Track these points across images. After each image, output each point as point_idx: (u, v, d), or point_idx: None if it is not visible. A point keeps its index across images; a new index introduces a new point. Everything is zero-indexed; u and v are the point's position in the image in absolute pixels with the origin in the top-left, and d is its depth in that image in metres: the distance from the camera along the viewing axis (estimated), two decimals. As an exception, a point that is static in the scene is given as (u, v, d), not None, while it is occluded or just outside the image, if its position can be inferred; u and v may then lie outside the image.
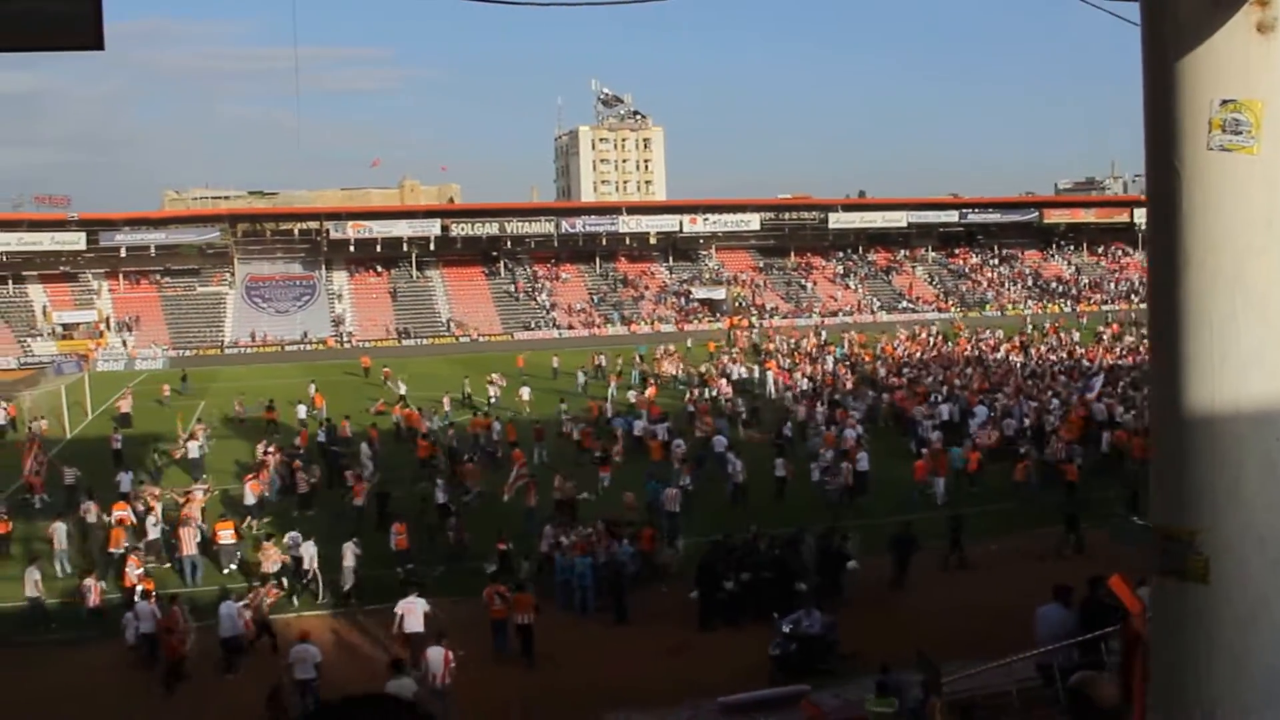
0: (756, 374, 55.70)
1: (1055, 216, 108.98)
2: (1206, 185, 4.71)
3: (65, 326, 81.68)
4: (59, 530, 27.48)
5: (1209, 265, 4.72)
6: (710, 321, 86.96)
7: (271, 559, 25.32)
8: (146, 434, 44.08)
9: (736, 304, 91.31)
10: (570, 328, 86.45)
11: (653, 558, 25.52)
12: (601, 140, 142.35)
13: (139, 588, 22.80)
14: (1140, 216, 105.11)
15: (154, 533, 27.71)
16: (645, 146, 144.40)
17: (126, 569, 24.09)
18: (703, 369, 57.44)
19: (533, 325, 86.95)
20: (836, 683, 17.48)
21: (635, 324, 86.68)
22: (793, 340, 70.03)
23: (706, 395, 49.26)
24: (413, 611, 20.69)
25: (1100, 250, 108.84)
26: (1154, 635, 5.12)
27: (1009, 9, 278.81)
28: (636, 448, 38.15)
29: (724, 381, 52.48)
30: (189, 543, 26.38)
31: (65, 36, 9.01)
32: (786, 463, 33.27)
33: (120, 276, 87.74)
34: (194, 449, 38.83)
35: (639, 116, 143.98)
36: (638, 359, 61.75)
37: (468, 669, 18.84)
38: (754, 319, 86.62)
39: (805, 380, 52.65)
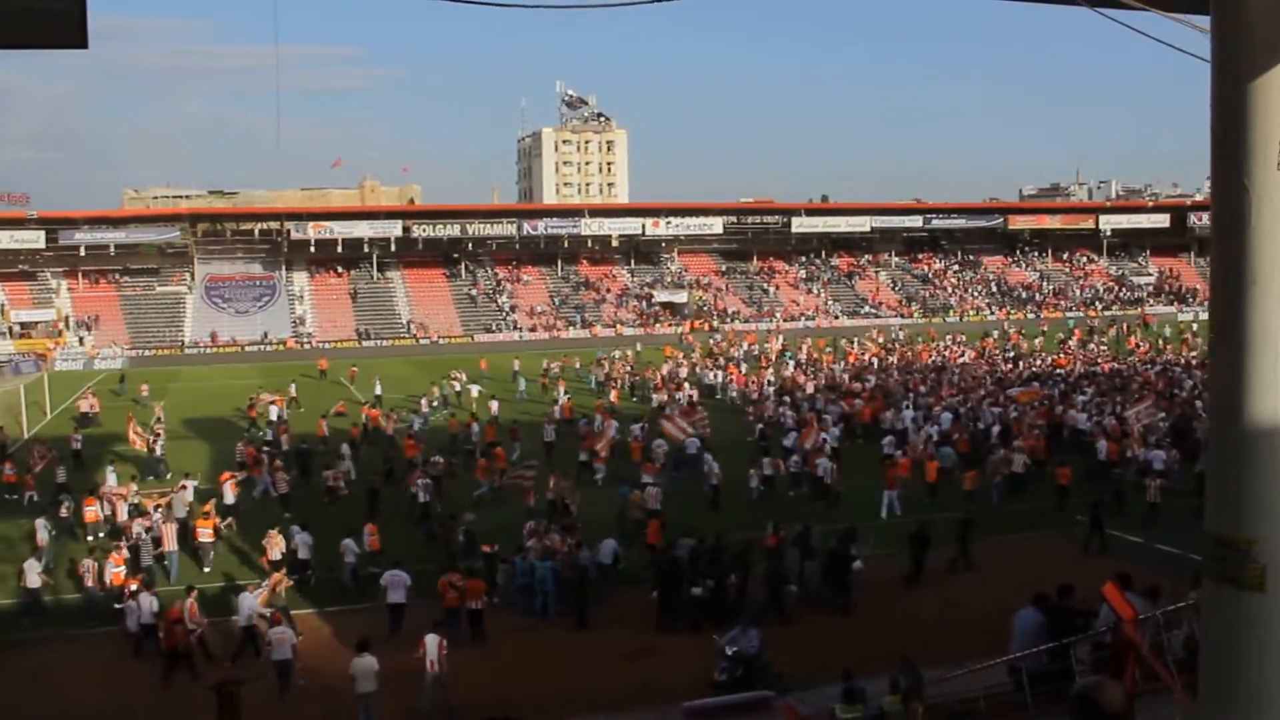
0: (719, 378, 55.72)
1: (1020, 223, 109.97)
2: (1276, 203, 4.78)
3: (23, 325, 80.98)
4: (41, 527, 27.56)
5: (1276, 282, 4.79)
6: (671, 325, 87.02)
7: (276, 546, 25.61)
8: (107, 433, 43.80)
9: (698, 308, 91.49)
10: (531, 330, 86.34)
11: (659, 551, 25.23)
12: (565, 142, 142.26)
13: (132, 586, 22.70)
14: (1105, 222, 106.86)
15: (137, 527, 27.49)
16: (608, 149, 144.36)
17: (107, 565, 23.92)
18: (663, 372, 57.32)
19: (493, 327, 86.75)
20: (799, 689, 17.24)
21: (596, 327, 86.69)
22: (748, 345, 70.06)
23: (669, 399, 49.06)
24: (396, 584, 22.23)
25: (1065, 257, 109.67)
26: (1205, 640, 5.21)
27: (975, 12, 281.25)
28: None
29: (687, 386, 52.45)
30: (170, 539, 26.50)
31: (51, 34, 9.26)
32: (774, 460, 33.66)
33: (79, 275, 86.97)
34: (158, 448, 38.72)
35: (603, 119, 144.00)
36: (596, 363, 61.72)
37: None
38: (714, 323, 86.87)
39: (768, 385, 52.74)
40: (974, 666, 15.29)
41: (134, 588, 22.49)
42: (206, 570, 26.48)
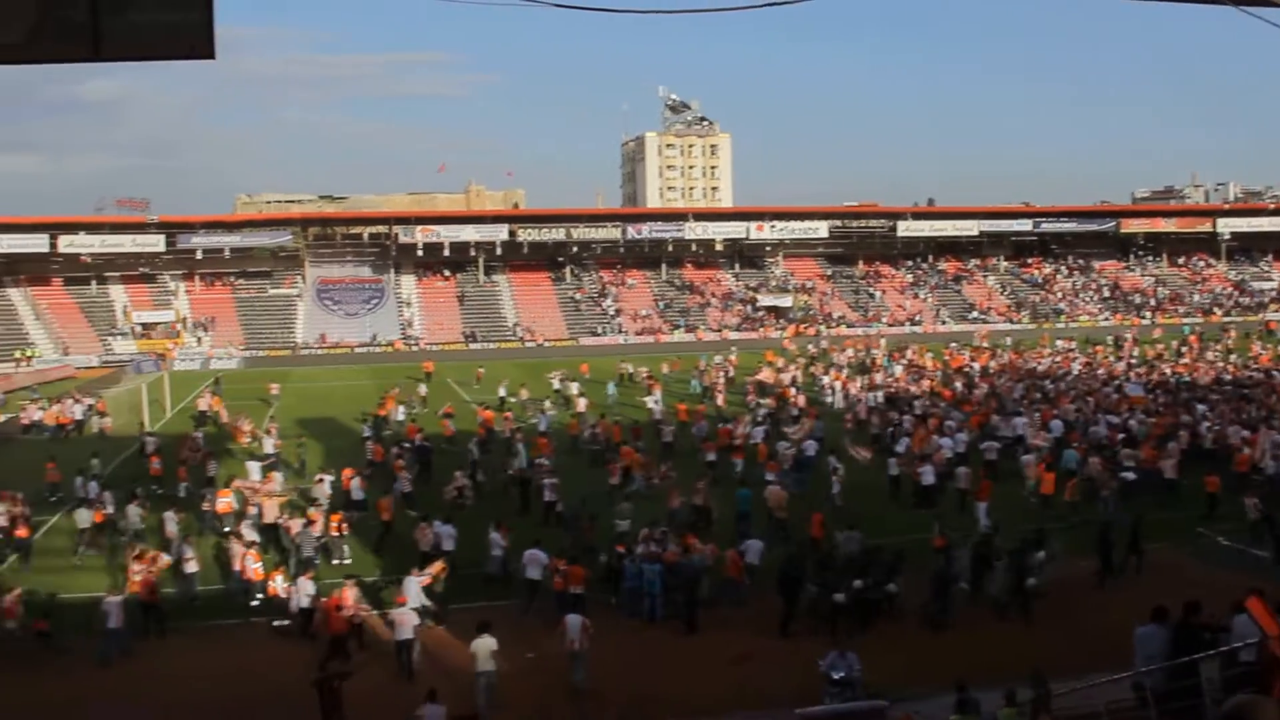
0: (826, 382, 55.22)
1: (1133, 226, 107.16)
2: None
3: (144, 326, 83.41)
4: (169, 520, 28.38)
5: None
6: (775, 329, 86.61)
7: (425, 539, 26.12)
8: (225, 433, 44.91)
9: (803, 312, 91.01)
10: (636, 334, 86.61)
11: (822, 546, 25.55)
12: (668, 146, 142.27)
13: (277, 578, 23.61)
14: (1223, 225, 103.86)
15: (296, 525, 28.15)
16: (712, 153, 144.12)
17: (245, 561, 24.62)
18: (759, 377, 57.00)
19: (598, 331, 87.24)
20: (912, 700, 16.94)
21: (700, 331, 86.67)
22: (852, 351, 69.18)
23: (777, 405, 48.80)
24: (533, 561, 23.56)
25: (1181, 261, 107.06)
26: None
27: (1083, 13, 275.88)
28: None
29: (793, 391, 52.04)
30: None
31: (180, 46, 8.94)
32: (900, 460, 33.78)
33: (196, 278, 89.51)
34: (268, 445, 39.56)
35: (706, 123, 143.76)
36: (696, 369, 61.70)
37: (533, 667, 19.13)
38: (820, 328, 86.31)
39: (879, 391, 51.95)
40: (1096, 680, 14.99)
41: (279, 578, 23.48)
42: (335, 563, 26.96)
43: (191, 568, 25.03)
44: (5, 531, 28.90)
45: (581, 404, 48.48)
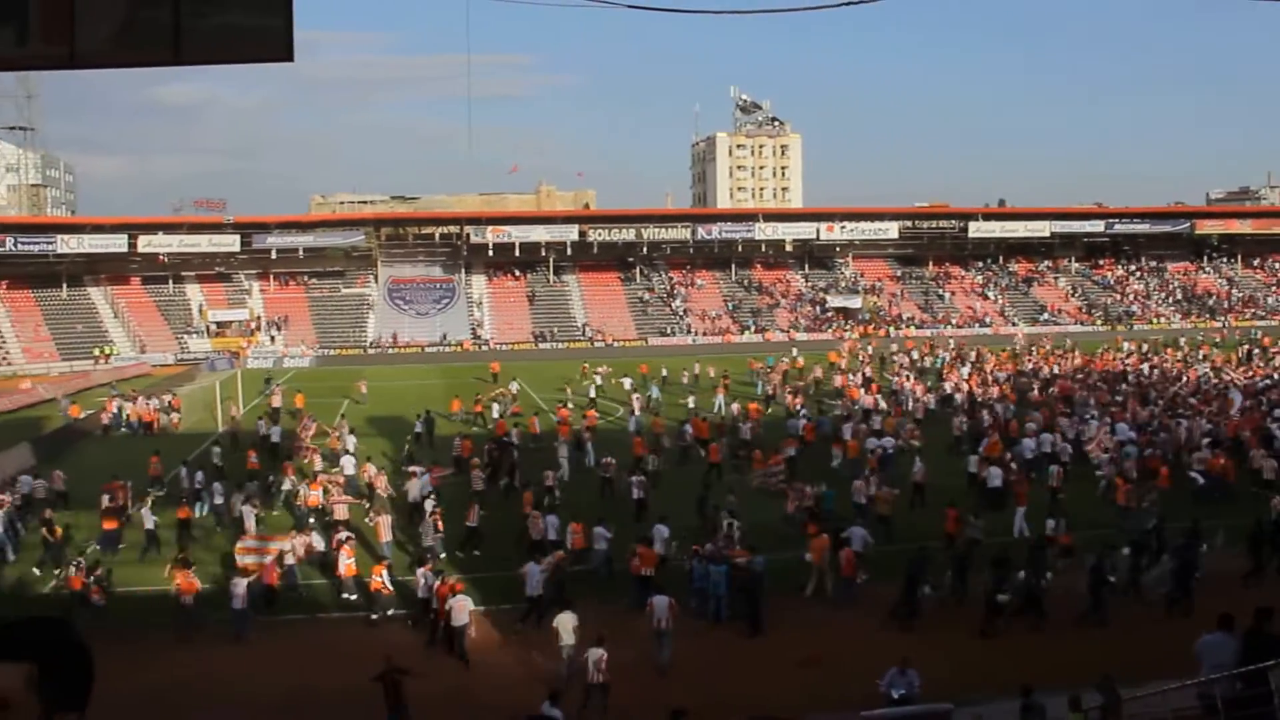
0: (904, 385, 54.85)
1: (1208, 227, 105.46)
2: None
3: (219, 324, 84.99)
4: (248, 514, 29.04)
5: None
6: (844, 330, 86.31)
7: (537, 529, 26.87)
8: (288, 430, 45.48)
9: (873, 313, 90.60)
10: (705, 334, 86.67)
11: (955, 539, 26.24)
12: (739, 147, 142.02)
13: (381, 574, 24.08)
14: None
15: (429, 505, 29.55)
16: (782, 153, 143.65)
17: (339, 556, 25.28)
18: (816, 374, 57.18)
19: (667, 331, 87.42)
20: (975, 703, 16.97)
21: (770, 332, 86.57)
22: (918, 353, 68.64)
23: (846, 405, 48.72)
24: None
25: (1256, 263, 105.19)
26: None
27: (1155, 10, 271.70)
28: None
29: (861, 391, 51.77)
30: (386, 530, 27.77)
31: (258, 49, 9.07)
32: (978, 461, 34.00)
33: (270, 277, 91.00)
34: (349, 442, 40.29)
35: (777, 123, 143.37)
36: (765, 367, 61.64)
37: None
38: (890, 329, 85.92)
39: (957, 392, 51.66)
40: (1164, 688, 14.84)
41: (384, 573, 23.95)
42: (444, 557, 27.31)
43: (290, 560, 25.63)
44: (116, 515, 29.91)
45: (636, 402, 49.50)
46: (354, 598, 24.76)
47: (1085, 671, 15.71)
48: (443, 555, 27.12)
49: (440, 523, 27.97)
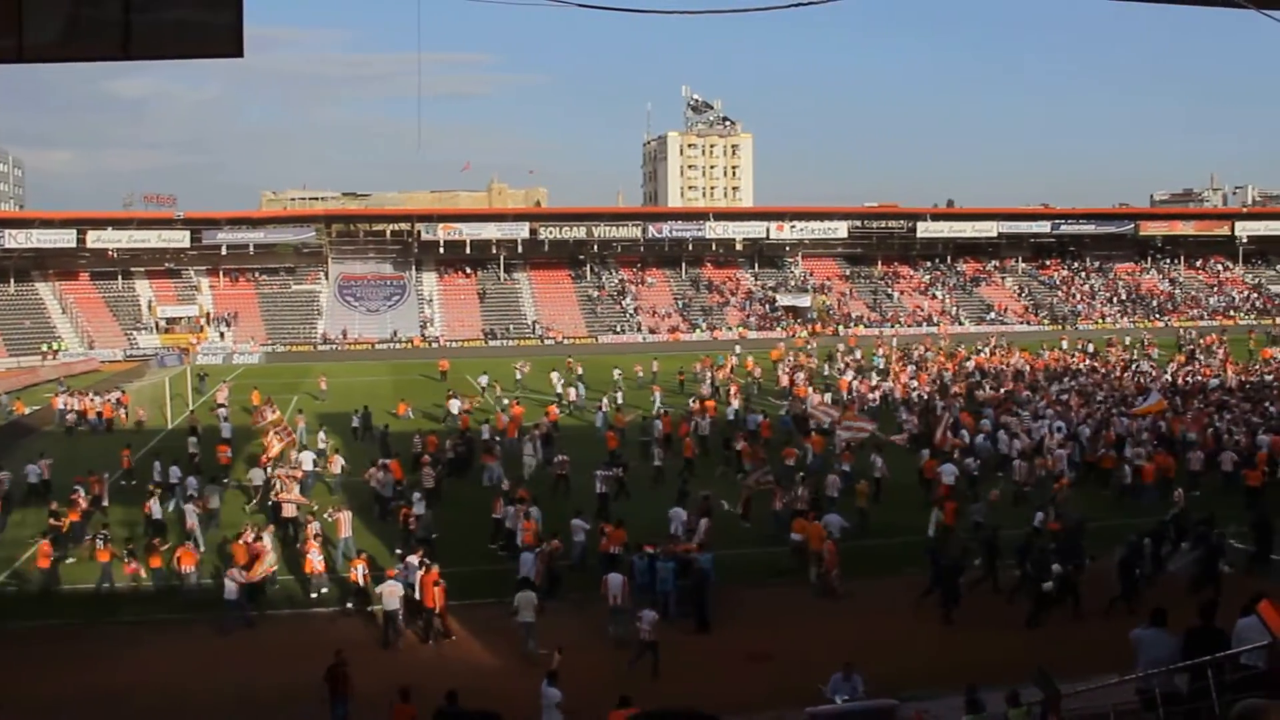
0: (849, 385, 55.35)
1: (1152, 229, 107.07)
2: None
3: (169, 320, 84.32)
4: (190, 513, 28.94)
5: None
6: (795, 329, 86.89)
7: (531, 531, 26.89)
8: (240, 426, 45.30)
9: (823, 312, 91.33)
10: (654, 332, 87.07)
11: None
12: (690, 146, 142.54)
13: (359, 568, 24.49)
14: (1241, 229, 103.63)
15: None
16: (733, 153, 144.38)
17: (309, 555, 25.34)
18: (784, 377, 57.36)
19: (618, 329, 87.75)
20: (920, 699, 17.16)
21: (719, 330, 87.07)
22: (869, 351, 69.29)
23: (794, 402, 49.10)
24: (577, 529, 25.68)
25: (1199, 264, 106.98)
26: None
27: (1103, 14, 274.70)
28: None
29: (809, 390, 51.88)
30: (346, 525, 27.75)
31: (208, 45, 9.83)
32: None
33: (220, 273, 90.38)
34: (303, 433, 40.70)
35: (728, 123, 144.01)
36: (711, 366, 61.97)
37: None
38: (838, 327, 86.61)
39: (911, 390, 52.26)
40: (1105, 683, 14.83)
41: (360, 567, 24.39)
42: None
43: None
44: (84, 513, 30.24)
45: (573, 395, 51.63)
46: (324, 592, 24.88)
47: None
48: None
49: (413, 520, 28.16)
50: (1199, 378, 54.86)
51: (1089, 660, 17.57)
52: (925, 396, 49.79)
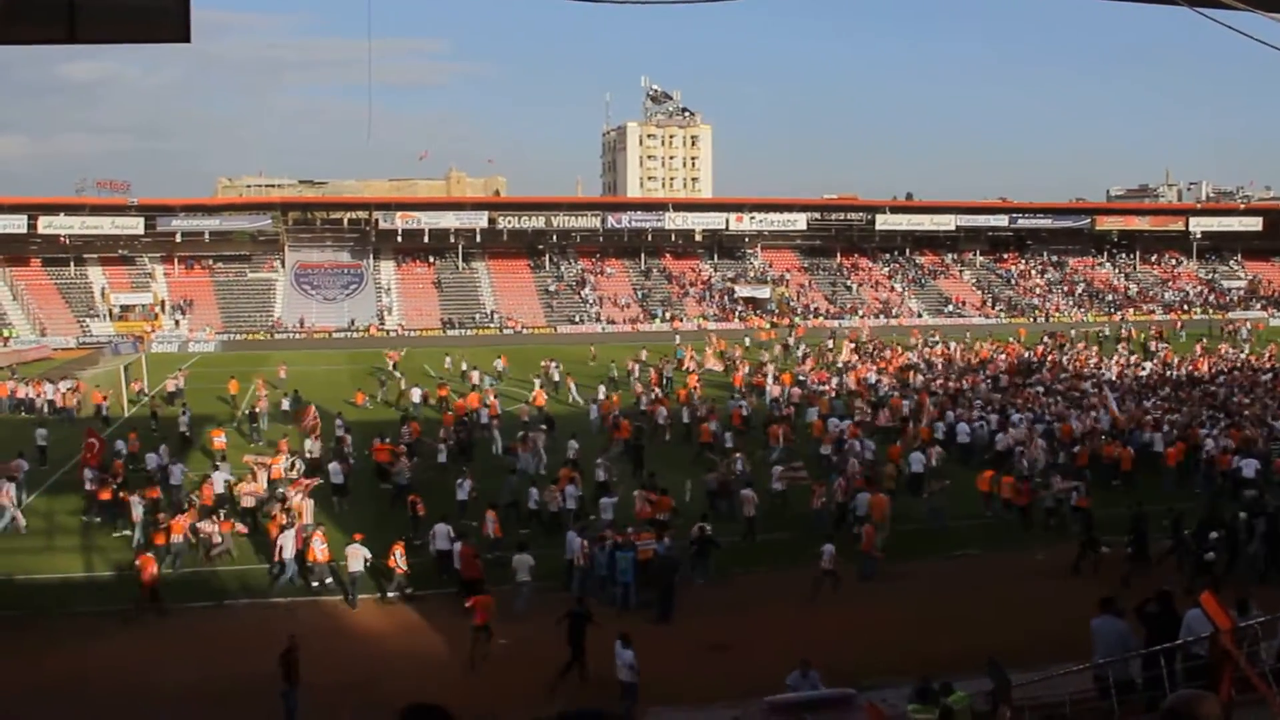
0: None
1: (1108, 223, 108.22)
2: None
3: (123, 308, 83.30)
4: (135, 504, 28.32)
5: None
6: (755, 320, 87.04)
7: (555, 501, 28.45)
8: (200, 415, 44.83)
9: (782, 303, 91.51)
10: (612, 322, 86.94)
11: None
12: (649, 136, 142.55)
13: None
14: (1195, 225, 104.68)
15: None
16: (693, 144, 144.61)
17: (313, 541, 25.26)
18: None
19: (576, 319, 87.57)
20: (874, 689, 17.11)
21: (679, 321, 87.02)
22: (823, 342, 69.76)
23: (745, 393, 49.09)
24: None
25: (1153, 259, 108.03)
26: None
27: (1061, 8, 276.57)
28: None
29: (770, 381, 51.58)
30: (308, 513, 27.72)
31: (155, 29, 9.79)
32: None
33: (175, 261, 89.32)
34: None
35: (687, 113, 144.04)
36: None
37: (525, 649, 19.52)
38: (795, 319, 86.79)
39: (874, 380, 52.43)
40: (1056, 672, 15.16)
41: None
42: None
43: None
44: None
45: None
46: (328, 582, 24.79)
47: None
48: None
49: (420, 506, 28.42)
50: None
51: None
52: (885, 387, 50.00)
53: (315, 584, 24.76)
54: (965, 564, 26.32)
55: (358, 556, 23.73)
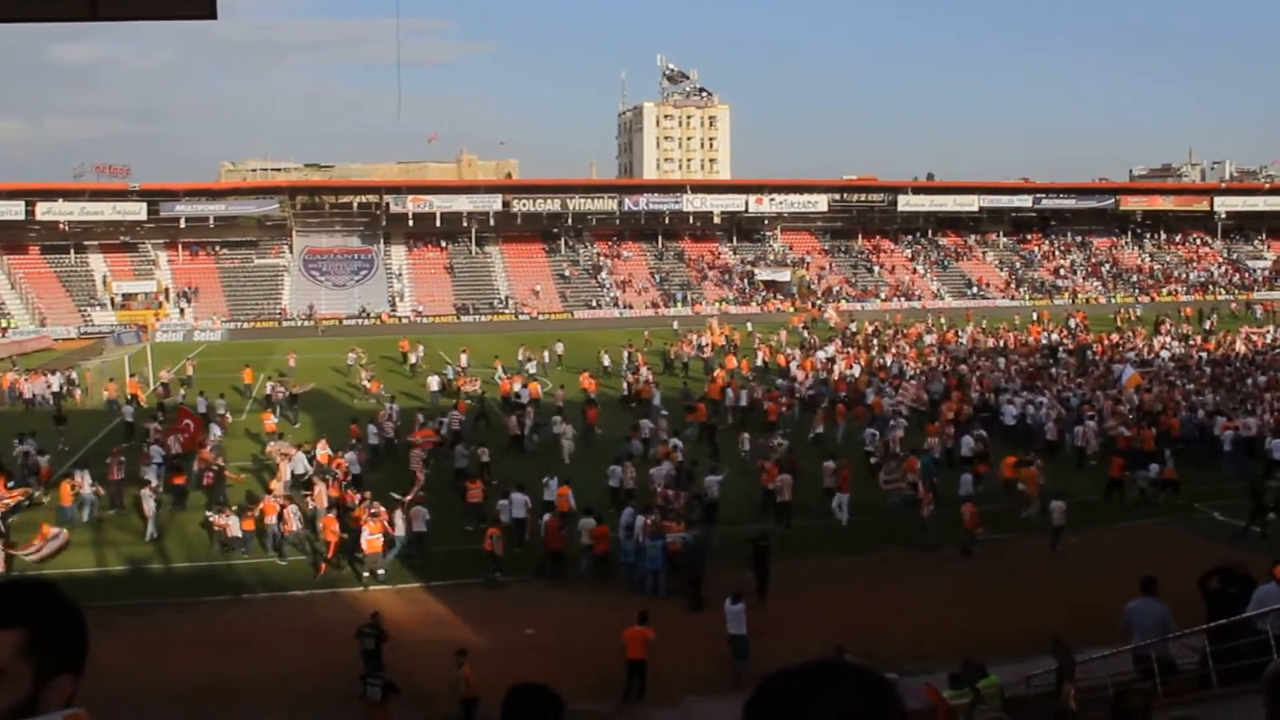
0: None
1: (1132, 203, 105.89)
2: None
3: (125, 296, 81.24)
4: (146, 497, 27.93)
5: None
6: (773, 304, 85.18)
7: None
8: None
9: (803, 286, 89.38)
10: (630, 307, 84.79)
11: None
12: (666, 117, 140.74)
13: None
14: (1220, 204, 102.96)
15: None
16: (710, 124, 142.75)
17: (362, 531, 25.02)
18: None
19: (593, 304, 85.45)
20: (912, 675, 16.76)
21: (699, 304, 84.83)
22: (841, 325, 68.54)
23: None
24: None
25: (1177, 239, 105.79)
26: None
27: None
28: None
29: (793, 366, 50.69)
30: (323, 498, 27.65)
31: (180, 6, 9.56)
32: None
33: (179, 247, 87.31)
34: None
35: (705, 93, 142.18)
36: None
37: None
38: (818, 301, 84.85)
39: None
40: (1103, 653, 15.18)
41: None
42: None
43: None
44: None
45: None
46: (381, 573, 24.46)
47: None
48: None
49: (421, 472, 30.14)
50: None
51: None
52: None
53: (365, 575, 24.53)
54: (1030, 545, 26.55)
55: (419, 518, 25.06)
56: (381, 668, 17.67)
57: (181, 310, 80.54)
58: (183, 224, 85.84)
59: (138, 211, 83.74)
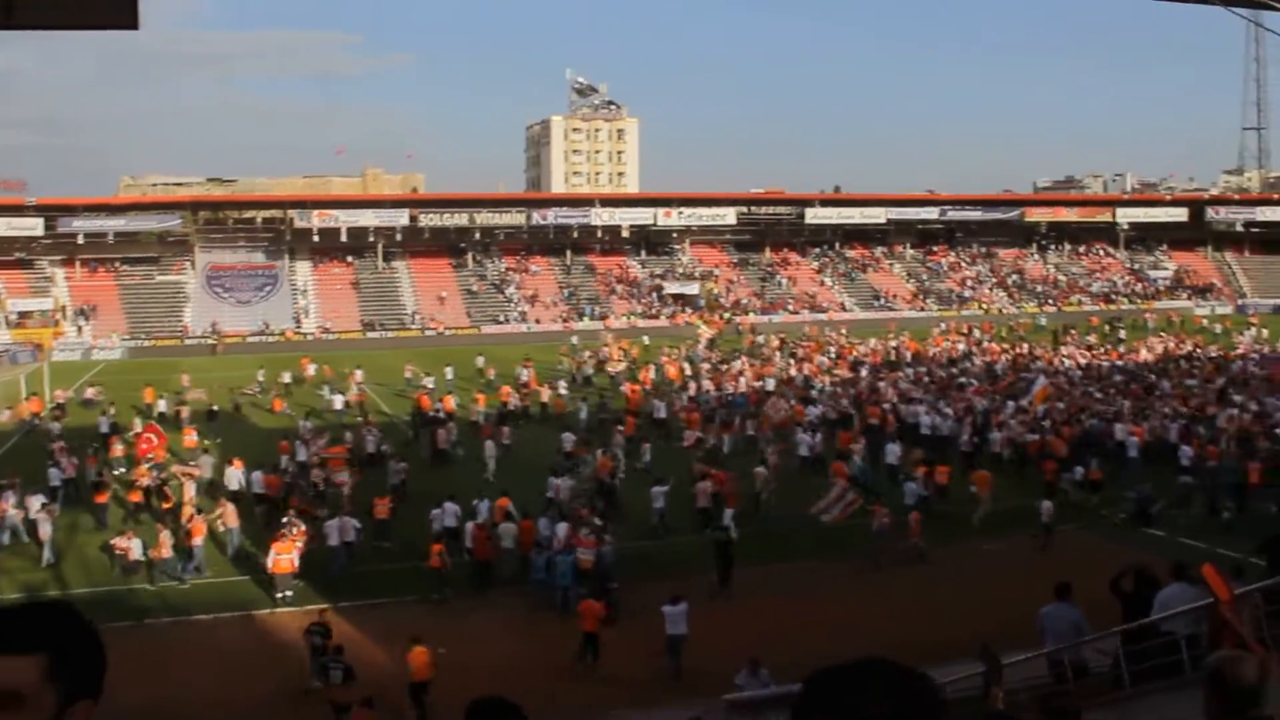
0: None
1: (1037, 215, 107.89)
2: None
3: (20, 314, 79.05)
4: (42, 522, 27.56)
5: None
6: (681, 317, 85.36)
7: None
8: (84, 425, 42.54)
9: (711, 299, 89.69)
10: (538, 322, 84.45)
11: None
12: (574, 130, 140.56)
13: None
14: (1122, 215, 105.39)
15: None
16: (619, 137, 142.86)
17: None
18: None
19: (501, 319, 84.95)
20: None
21: (608, 318, 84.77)
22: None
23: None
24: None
25: (1081, 250, 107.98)
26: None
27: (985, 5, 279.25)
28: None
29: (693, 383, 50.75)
30: (233, 517, 27.83)
31: (101, 15, 9.31)
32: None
33: (77, 264, 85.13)
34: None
35: (613, 106, 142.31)
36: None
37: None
38: (726, 315, 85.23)
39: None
40: (1019, 658, 15.29)
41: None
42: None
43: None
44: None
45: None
46: (289, 594, 24.09)
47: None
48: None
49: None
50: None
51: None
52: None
53: (279, 596, 24.29)
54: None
55: (349, 529, 26.13)
56: (341, 651, 18.21)
57: (79, 328, 78.63)
58: (81, 240, 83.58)
59: (34, 227, 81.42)
